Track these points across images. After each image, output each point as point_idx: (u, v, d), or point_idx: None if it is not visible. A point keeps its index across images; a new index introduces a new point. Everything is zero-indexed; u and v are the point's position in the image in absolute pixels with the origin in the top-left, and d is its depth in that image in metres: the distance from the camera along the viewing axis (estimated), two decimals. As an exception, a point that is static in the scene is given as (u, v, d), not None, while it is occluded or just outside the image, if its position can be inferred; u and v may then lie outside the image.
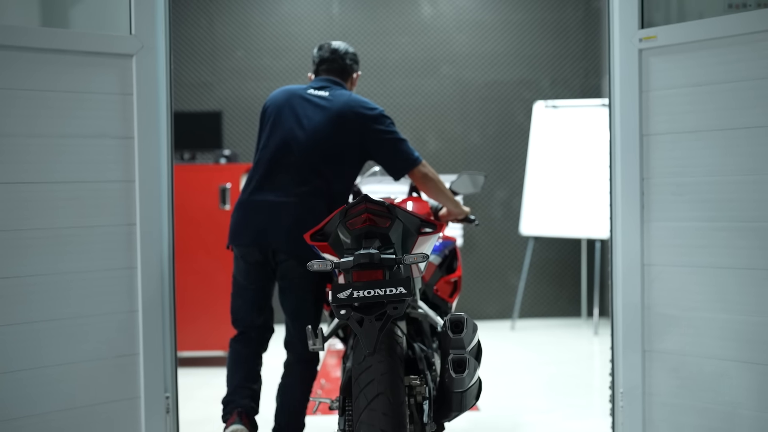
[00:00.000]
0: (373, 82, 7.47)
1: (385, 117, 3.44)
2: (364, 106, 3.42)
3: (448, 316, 2.69)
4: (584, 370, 5.80)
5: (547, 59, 7.54)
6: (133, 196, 3.32)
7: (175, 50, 7.40)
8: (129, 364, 3.32)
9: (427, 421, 2.80)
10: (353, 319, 2.52)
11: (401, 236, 2.68)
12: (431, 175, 3.45)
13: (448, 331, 2.67)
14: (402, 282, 2.49)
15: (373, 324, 2.50)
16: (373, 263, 2.52)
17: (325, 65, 3.55)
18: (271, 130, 3.46)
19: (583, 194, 7.01)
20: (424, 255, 2.54)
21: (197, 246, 5.81)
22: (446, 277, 3.56)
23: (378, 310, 2.51)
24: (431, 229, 2.75)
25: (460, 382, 2.62)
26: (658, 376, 3.33)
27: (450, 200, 3.57)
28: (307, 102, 3.43)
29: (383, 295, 2.48)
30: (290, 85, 3.57)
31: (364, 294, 2.48)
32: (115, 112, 3.27)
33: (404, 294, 2.48)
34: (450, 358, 2.63)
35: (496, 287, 7.58)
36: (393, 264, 2.54)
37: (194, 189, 5.80)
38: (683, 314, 3.25)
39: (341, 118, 3.38)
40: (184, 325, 5.74)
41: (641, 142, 3.35)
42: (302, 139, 3.39)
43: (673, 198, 3.29)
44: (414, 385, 2.82)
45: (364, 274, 2.55)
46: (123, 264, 3.31)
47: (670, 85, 3.28)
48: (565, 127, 7.18)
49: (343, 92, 3.47)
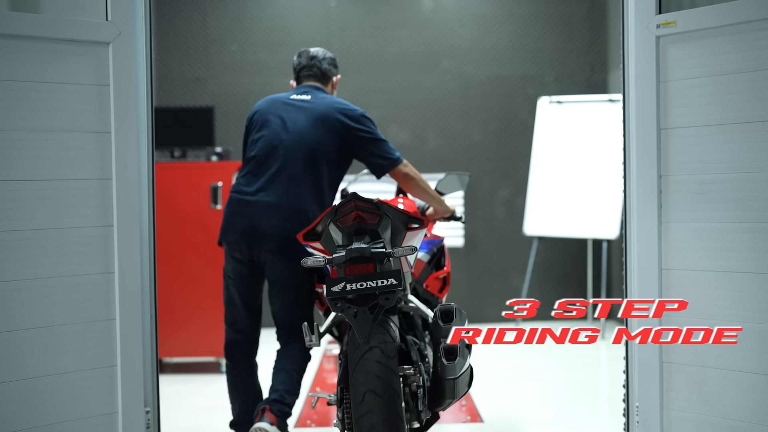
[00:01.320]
0: (371, 78, 7.27)
1: (366, 118, 3.61)
2: (346, 107, 3.59)
3: (438, 307, 2.86)
4: (592, 376, 5.56)
5: (551, 53, 7.36)
6: (110, 195, 3.08)
7: (167, 45, 7.21)
8: (106, 376, 3.07)
9: (422, 409, 2.89)
10: (348, 311, 2.67)
11: (390, 232, 2.84)
12: (412, 174, 3.61)
13: (439, 320, 2.85)
14: (392, 274, 2.65)
15: (366, 315, 2.66)
16: (365, 257, 2.68)
17: (305, 71, 3.72)
18: (258, 134, 3.60)
19: (589, 193, 6.82)
20: (412, 247, 2.72)
21: (187, 247, 5.57)
22: (435, 273, 3.64)
23: (371, 301, 2.67)
24: (418, 225, 2.92)
25: (452, 369, 2.78)
26: (677, 389, 3.08)
27: (434, 198, 3.70)
28: (291, 106, 3.60)
29: (375, 286, 2.63)
30: (274, 95, 3.73)
31: (356, 286, 2.64)
32: (90, 104, 3.02)
33: (395, 285, 2.64)
34: (441, 347, 2.78)
35: (499, 289, 7.38)
36: (383, 257, 2.69)
37: (184, 187, 5.57)
38: (705, 323, 3.00)
39: (324, 120, 3.54)
40: (172, 330, 5.53)
41: (659, 136, 3.11)
42: (287, 141, 3.53)
43: (694, 197, 3.04)
44: (408, 374, 2.90)
45: (356, 268, 2.70)
46: (99, 269, 3.06)
47: (691, 75, 3.04)
48: (570, 124, 7.00)
49: (325, 96, 3.64)
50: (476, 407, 4.68)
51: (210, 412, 4.70)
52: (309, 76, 3.72)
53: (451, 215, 3.81)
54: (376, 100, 7.31)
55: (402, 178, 3.62)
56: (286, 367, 3.52)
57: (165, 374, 5.70)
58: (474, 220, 7.36)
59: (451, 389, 2.86)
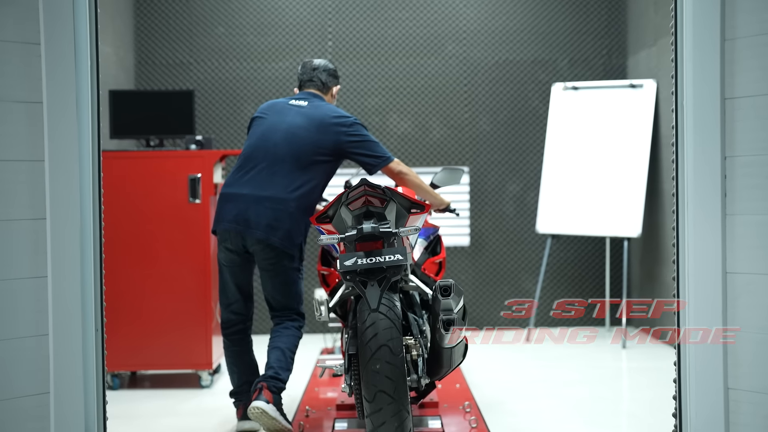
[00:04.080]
0: (369, 63, 6.78)
1: (359, 125, 3.94)
2: (340, 114, 3.95)
3: (438, 282, 3.20)
4: (617, 393, 4.96)
5: (565, 36, 6.92)
6: (41, 180, 2.48)
7: (147, 27, 6.69)
8: (37, 406, 2.48)
9: (422, 375, 3.34)
10: (358, 283, 3.12)
11: (395, 215, 3.28)
12: (405, 170, 3.92)
13: (438, 294, 3.17)
14: (399, 250, 3.13)
15: (375, 286, 3.11)
16: (374, 235, 3.15)
17: (307, 81, 4.11)
18: (256, 131, 3.98)
19: (608, 187, 6.34)
20: (416, 228, 3.26)
21: (162, 246, 4.98)
22: (432, 258, 3.99)
23: (379, 275, 3.13)
24: (420, 209, 3.39)
25: (449, 339, 3.18)
26: (746, 422, 2.47)
27: (428, 192, 4.00)
28: (288, 109, 3.98)
29: (383, 261, 3.10)
30: (274, 99, 4.19)
31: (367, 261, 3.10)
32: (15, 66, 2.44)
33: (401, 260, 3.11)
34: (440, 318, 3.12)
35: (509, 292, 6.90)
36: (390, 236, 3.16)
37: (159, 180, 4.98)
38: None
39: (318, 124, 3.89)
40: (147, 339, 4.96)
41: (722, 108, 2.53)
42: (279, 139, 3.89)
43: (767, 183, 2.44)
44: (409, 344, 3.29)
45: (366, 245, 3.17)
46: (27, 272, 2.47)
47: (764, 30, 2.43)
48: (587, 112, 6.54)
49: (322, 103, 4.01)
50: (488, 430, 4.09)
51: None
52: (309, 86, 4.09)
53: (445, 207, 4.11)
54: (374, 88, 6.80)
55: (396, 175, 3.91)
56: (279, 346, 3.88)
57: (138, 389, 5.11)
58: (481, 218, 6.85)
59: (448, 358, 3.30)
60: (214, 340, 5.04)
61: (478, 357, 5.78)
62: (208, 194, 4.98)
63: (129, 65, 6.62)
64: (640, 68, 6.59)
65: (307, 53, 6.81)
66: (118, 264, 4.91)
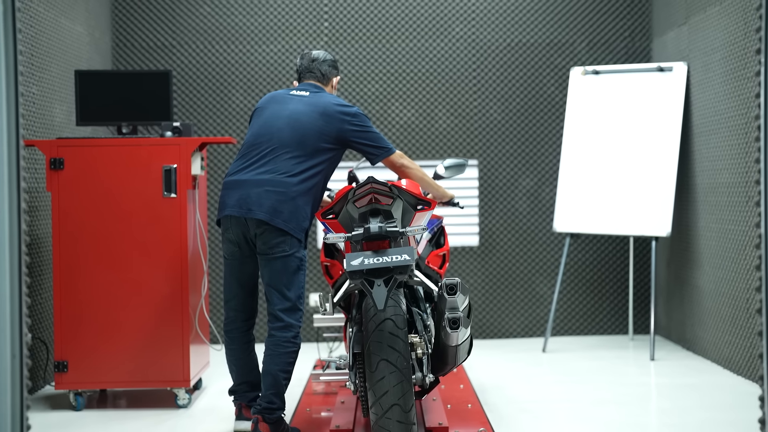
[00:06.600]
0: (370, 47, 6.30)
1: (362, 115, 3.92)
2: (342, 105, 3.91)
3: (444, 280, 3.33)
4: (655, 416, 4.35)
5: (583, 16, 6.40)
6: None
7: (128, 6, 6.13)
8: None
9: (426, 373, 3.39)
10: (365, 283, 3.21)
11: (402, 212, 3.38)
12: (408, 163, 3.89)
13: (444, 293, 3.31)
14: (406, 250, 3.23)
15: (381, 287, 3.19)
16: (381, 234, 3.26)
17: (306, 72, 4.08)
18: (258, 120, 3.94)
19: (632, 182, 5.78)
20: (422, 227, 3.36)
21: (133, 248, 4.39)
22: (436, 250, 4.04)
23: (386, 274, 3.23)
24: (426, 206, 3.52)
25: (455, 337, 3.33)
26: None
27: (431, 185, 3.96)
28: (290, 99, 3.95)
29: (390, 261, 3.20)
30: (275, 91, 4.15)
31: (373, 261, 3.20)
32: None
33: (408, 261, 3.22)
34: (446, 317, 3.28)
35: (523, 298, 6.38)
36: (397, 235, 3.29)
37: (130, 171, 4.39)
38: None
39: (321, 113, 3.86)
40: (115, 353, 4.36)
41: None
42: (282, 126, 3.84)
43: None
44: (414, 342, 3.33)
45: (372, 245, 3.28)
46: None
47: None
48: (609, 98, 5.98)
49: (323, 94, 3.98)
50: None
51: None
52: (309, 77, 4.06)
53: (449, 200, 4.07)
54: (375, 72, 6.27)
55: (399, 167, 3.88)
56: (272, 371, 3.73)
57: (106, 410, 4.52)
58: (491, 216, 6.31)
59: (453, 356, 3.41)
60: (192, 354, 4.44)
61: (491, 371, 5.21)
62: (185, 187, 4.39)
63: (105, 47, 6.03)
64: (668, 50, 6.01)
65: (301, 35, 6.23)
66: (81, 268, 4.33)
